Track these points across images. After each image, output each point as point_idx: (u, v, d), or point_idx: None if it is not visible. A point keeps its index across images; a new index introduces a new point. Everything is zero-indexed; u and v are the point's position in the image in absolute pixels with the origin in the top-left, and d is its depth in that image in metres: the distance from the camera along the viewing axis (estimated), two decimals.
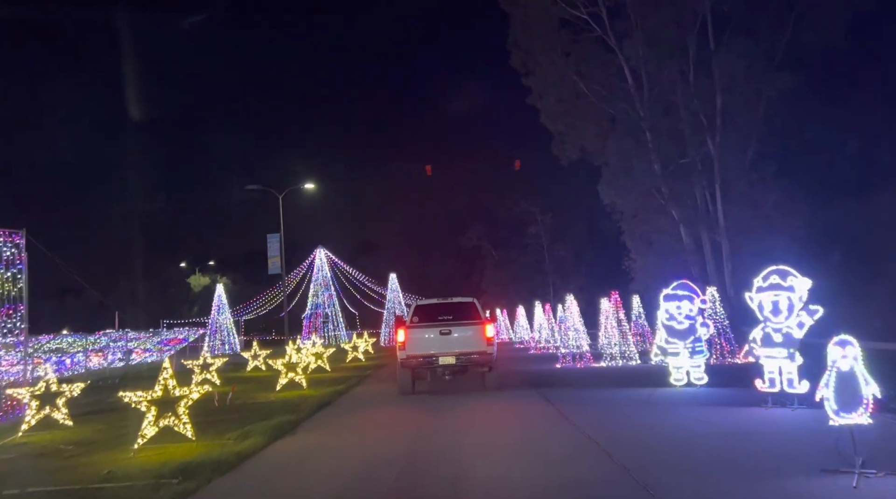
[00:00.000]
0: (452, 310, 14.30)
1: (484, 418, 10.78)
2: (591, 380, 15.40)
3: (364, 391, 15.93)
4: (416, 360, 13.47)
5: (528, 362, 22.89)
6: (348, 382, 17.64)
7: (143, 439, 8.46)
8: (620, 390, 13.08)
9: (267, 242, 41.04)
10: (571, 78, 27.41)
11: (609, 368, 18.39)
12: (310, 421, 11.08)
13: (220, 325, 48.35)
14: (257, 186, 40.05)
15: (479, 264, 65.38)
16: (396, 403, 13.55)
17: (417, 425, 10.39)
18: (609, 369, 18.19)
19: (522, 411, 11.30)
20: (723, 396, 11.41)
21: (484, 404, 12.35)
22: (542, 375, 17.45)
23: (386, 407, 12.96)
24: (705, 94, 27.55)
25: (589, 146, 28.10)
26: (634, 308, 25.84)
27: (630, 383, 13.86)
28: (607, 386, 13.82)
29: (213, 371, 18.03)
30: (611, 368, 18.59)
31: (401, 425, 10.71)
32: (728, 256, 27.74)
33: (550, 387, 14.19)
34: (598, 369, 18.35)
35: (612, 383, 14.17)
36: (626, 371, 17.28)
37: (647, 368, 17.66)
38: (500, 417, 10.81)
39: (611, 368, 18.59)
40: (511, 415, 10.90)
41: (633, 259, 34.08)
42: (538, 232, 56.67)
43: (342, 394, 15.03)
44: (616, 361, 19.22)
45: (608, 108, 28.00)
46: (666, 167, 27.92)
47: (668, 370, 12.93)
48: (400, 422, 11.02)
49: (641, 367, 18.12)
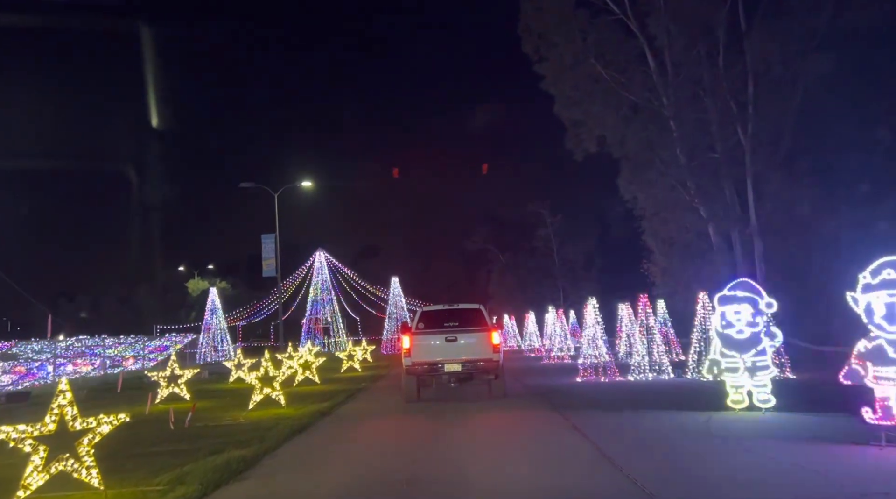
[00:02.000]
0: (458, 316, 14.04)
1: (501, 455, 8.33)
2: (624, 399, 12.92)
3: (353, 410, 13.49)
4: (422, 367, 13.28)
5: (543, 375, 20.42)
6: (337, 398, 15.22)
7: (25, 490, 6.07)
8: (664, 413, 10.61)
9: (262, 244, 38.68)
10: (589, 61, 25.00)
11: (640, 384, 15.91)
12: (273, 456, 8.65)
13: (213, 330, 45.95)
14: (251, 183, 37.86)
15: (486, 268, 62.98)
16: (388, 428, 11.15)
17: (412, 465, 7.95)
18: (640, 385, 15.69)
19: (548, 445, 8.82)
20: (803, 425, 8.94)
21: (500, 433, 9.94)
22: (562, 391, 14.96)
23: (375, 435, 10.54)
24: (736, 81, 25.13)
25: (608, 136, 25.66)
26: (659, 314, 23.41)
27: (674, 405, 11.38)
28: (647, 407, 11.34)
29: (183, 384, 15.66)
30: (641, 383, 16.11)
31: (390, 462, 8.28)
32: (761, 258, 25.24)
33: (575, 409, 11.73)
34: (628, 385, 15.86)
35: (652, 404, 11.69)
36: (662, 388, 14.77)
37: (685, 384, 15.18)
38: (523, 454, 8.32)
39: (641, 383, 16.11)
40: (536, 451, 8.41)
41: (653, 262, 31.60)
42: (547, 235, 54.18)
43: (326, 414, 12.60)
44: (645, 374, 16.74)
45: (629, 94, 25.57)
46: (692, 160, 25.46)
47: (725, 390, 10.45)
48: (390, 457, 8.59)
49: (678, 382, 15.63)
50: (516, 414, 11.65)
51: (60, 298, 70.97)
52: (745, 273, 25.72)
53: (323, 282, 54.49)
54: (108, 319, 66.71)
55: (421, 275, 67.96)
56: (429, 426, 10.79)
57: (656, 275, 30.51)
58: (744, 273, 25.78)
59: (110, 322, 63.99)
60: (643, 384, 15.67)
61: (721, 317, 10.47)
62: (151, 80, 34.16)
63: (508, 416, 11.53)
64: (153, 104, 43.36)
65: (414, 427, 10.98)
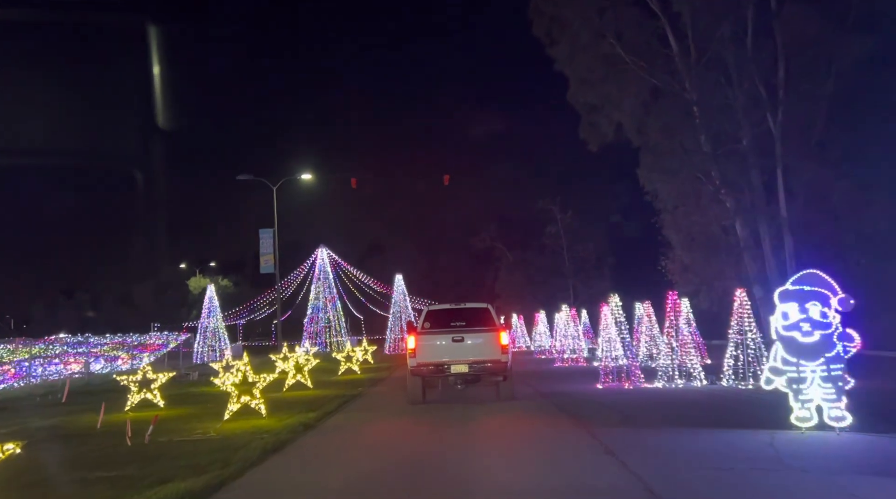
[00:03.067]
0: (465, 316, 13.59)
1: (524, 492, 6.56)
2: (659, 412, 11.14)
3: (343, 423, 11.75)
4: (427, 368, 12.88)
5: (557, 380, 18.63)
6: (327, 406, 13.49)
7: None
8: (714, 432, 8.82)
9: (259, 239, 36.99)
10: (607, 41, 23.19)
11: (671, 393, 14.09)
12: (232, 488, 6.92)
13: (210, 329, 44.24)
14: (249, 175, 36.24)
15: (493, 267, 61.14)
16: (381, 446, 9.41)
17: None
18: (672, 394, 13.87)
19: (580, 477, 7.03)
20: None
21: (520, 462, 8.18)
22: (583, 401, 13.16)
23: (364, 457, 8.79)
24: (765, 63, 23.30)
25: (626, 123, 23.82)
26: (683, 314, 21.58)
27: (721, 420, 9.59)
28: (689, 423, 9.55)
29: (156, 389, 13.97)
30: (672, 391, 14.30)
31: (379, 493, 6.55)
32: (792, 254, 23.38)
33: (604, 424, 9.94)
34: (657, 394, 14.05)
35: (695, 419, 9.89)
36: (699, 398, 12.95)
37: (723, 393, 13.36)
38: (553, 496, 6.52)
39: (672, 391, 14.30)
40: (565, 489, 6.61)
41: (671, 259, 29.75)
42: (557, 232, 52.30)
43: (311, 427, 10.86)
44: (675, 381, 14.94)
45: (650, 77, 23.75)
46: (718, 148, 23.64)
47: (787, 404, 8.65)
48: (379, 490, 6.84)
49: (715, 392, 13.80)
50: (535, 432, 9.86)
51: (60, 296, 69.63)
52: (774, 269, 23.89)
53: (325, 279, 52.75)
54: (107, 316, 65.33)
55: (427, 273, 66.32)
56: (429, 448, 9.03)
57: (675, 273, 28.64)
58: (773, 269, 23.95)
59: (109, 320, 62.65)
60: (675, 393, 13.85)
61: (783, 317, 8.67)
62: (157, 76, 32.97)
63: (527, 436, 9.73)
64: (159, 101, 41.83)
65: (411, 447, 9.25)
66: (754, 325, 14.59)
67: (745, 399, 11.80)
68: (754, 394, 12.71)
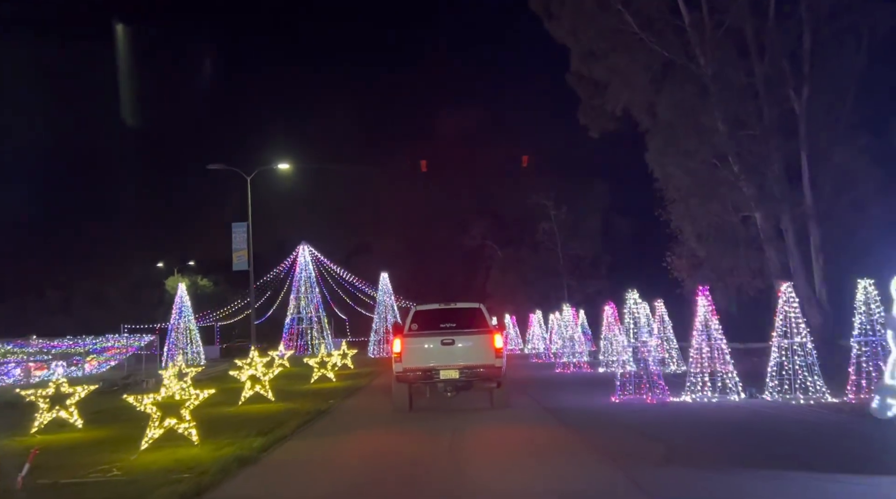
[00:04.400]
0: (456, 317, 12.67)
1: None
2: (710, 440, 8.59)
3: (296, 453, 9.12)
4: (414, 373, 11.91)
5: (562, 390, 16.09)
6: (284, 426, 10.86)
7: None
8: (808, 476, 6.28)
9: (232, 233, 34.21)
10: (615, 7, 20.68)
11: (709, 409, 11.51)
12: None
13: (181, 331, 41.42)
14: (220, 165, 33.47)
15: (484, 265, 58.59)
16: (342, 494, 6.82)
17: None
18: (711, 411, 11.24)
19: None
20: None
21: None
22: (603, 422, 10.58)
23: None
24: (789, 34, 20.92)
25: (638, 98, 21.33)
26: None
27: (803, 456, 7.08)
28: (770, 463, 6.97)
29: (73, 405, 11.29)
30: (708, 407, 11.74)
31: None
32: (819, 247, 21.01)
33: (646, 462, 7.35)
34: (691, 411, 11.47)
35: (774, 456, 7.33)
36: (751, 418, 10.33)
37: (775, 410, 10.84)
38: None
39: (708, 407, 11.74)
40: None
41: (678, 254, 27.34)
42: (551, 228, 49.88)
43: (249, 462, 8.19)
44: (708, 394, 12.42)
45: (662, 50, 21.29)
46: (736, 129, 21.23)
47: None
48: None
49: (760, 408, 11.30)
50: (553, 476, 7.23)
51: (29, 295, 66.35)
52: (799, 264, 21.50)
53: (307, 278, 50.01)
54: (77, 317, 62.22)
55: (414, 272, 63.61)
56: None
57: (682, 269, 26.23)
58: (798, 264, 21.56)
59: (79, 321, 59.58)
60: (714, 411, 11.28)
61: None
62: (128, 74, 30.75)
63: (542, 482, 7.13)
64: (128, 99, 39.07)
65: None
66: (802, 325, 12.13)
67: (816, 422, 9.31)
68: (819, 413, 10.25)
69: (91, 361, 31.21)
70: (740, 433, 8.91)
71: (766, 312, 24.40)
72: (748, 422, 9.84)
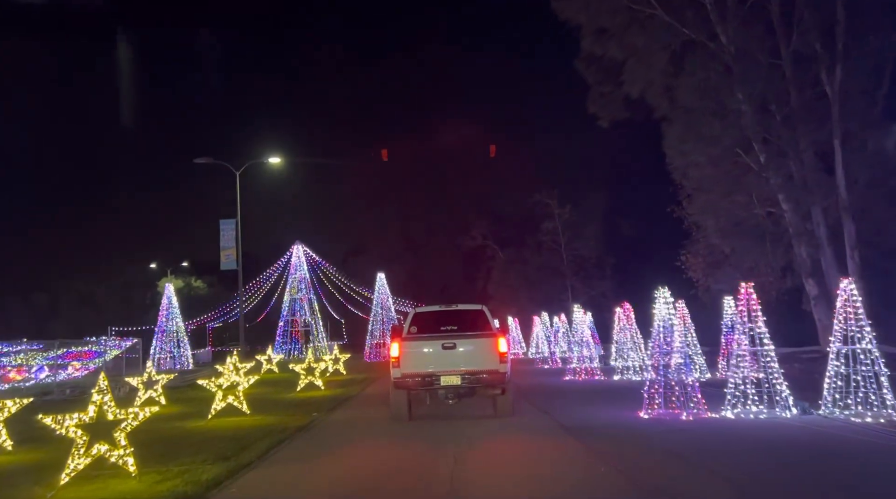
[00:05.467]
0: (457, 319, 12.14)
1: None
2: (782, 479, 6.74)
3: (260, 486, 7.31)
4: (413, 380, 11.27)
5: (579, 402, 14.22)
6: (253, 448, 9.04)
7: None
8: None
9: (220, 230, 32.38)
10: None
11: (760, 428, 9.64)
12: None
13: (171, 333, 39.47)
14: (208, 158, 31.68)
15: (485, 266, 56.70)
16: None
17: None
18: (766, 431, 9.36)
19: None
20: None
21: None
22: (638, 448, 8.73)
23: None
24: (821, 8, 19.18)
25: (656, 79, 19.54)
26: (726, 317, 17.31)
27: None
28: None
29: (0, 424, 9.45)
30: (759, 426, 9.87)
31: None
32: (854, 244, 19.20)
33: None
34: (739, 430, 9.60)
35: None
36: (825, 443, 8.49)
37: (843, 430, 9.01)
38: None
39: (759, 426, 9.87)
40: None
41: (694, 253, 25.57)
42: (555, 228, 48.07)
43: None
44: (752, 409, 10.57)
45: (682, 27, 19.52)
46: (762, 114, 19.47)
47: None
48: None
49: (822, 425, 9.46)
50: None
51: (13, 297, 64.44)
52: (832, 262, 19.69)
53: (303, 279, 48.20)
54: (66, 319, 60.41)
55: (413, 274, 61.78)
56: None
57: (698, 268, 24.45)
58: (831, 262, 19.75)
59: (69, 323, 57.77)
60: (767, 431, 9.39)
61: None
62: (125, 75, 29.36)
63: None
64: (128, 99, 37.24)
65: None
66: (867, 329, 10.31)
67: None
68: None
69: (76, 367, 29.45)
70: (813, 464, 7.09)
71: (793, 313, 22.65)
72: (816, 448, 8.01)
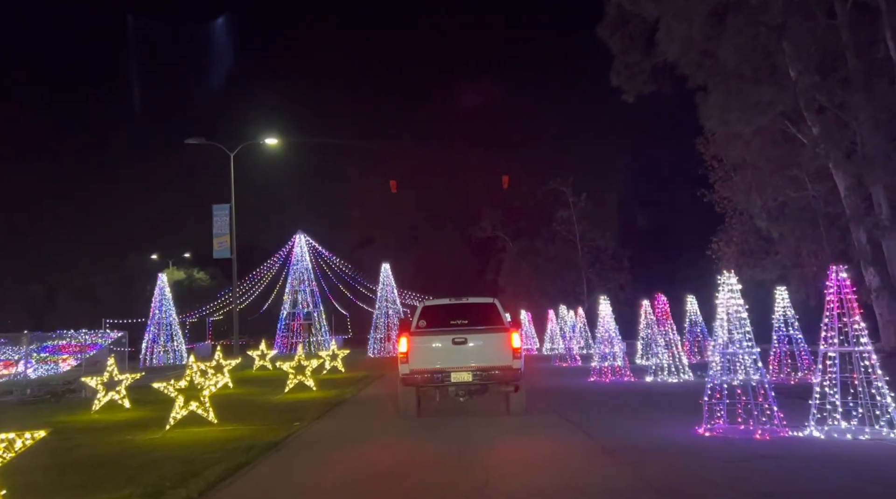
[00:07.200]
0: (468, 313, 11.67)
1: None
2: None
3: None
4: (422, 376, 10.84)
5: (616, 412, 11.90)
6: (201, 477, 6.86)
7: None
8: None
9: (213, 216, 30.25)
10: None
11: (867, 456, 7.35)
12: None
13: (164, 326, 37.48)
14: (201, 138, 29.60)
15: (496, 258, 54.42)
16: None
17: None
18: (874, 460, 7.12)
19: None
20: None
21: None
22: (719, 483, 6.50)
23: None
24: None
25: (696, 37, 17.12)
26: (778, 311, 14.97)
27: None
28: None
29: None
30: (858, 449, 7.59)
31: None
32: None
33: None
34: (844, 458, 7.27)
35: None
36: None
37: None
38: None
39: (858, 449, 7.59)
40: None
41: (726, 241, 23.25)
42: (570, 217, 45.75)
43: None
44: (842, 425, 8.28)
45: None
46: (819, 76, 17.08)
47: None
48: None
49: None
50: None
51: (13, 290, 62.78)
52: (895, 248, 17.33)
53: (305, 270, 46.13)
54: (62, 311, 58.68)
55: (422, 266, 59.62)
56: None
57: (730, 258, 22.11)
58: (894, 247, 17.39)
59: (64, 315, 56.00)
60: (880, 460, 7.14)
61: None
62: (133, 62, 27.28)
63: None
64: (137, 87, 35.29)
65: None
66: None
67: None
68: None
69: (66, 361, 27.59)
70: None
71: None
72: None
